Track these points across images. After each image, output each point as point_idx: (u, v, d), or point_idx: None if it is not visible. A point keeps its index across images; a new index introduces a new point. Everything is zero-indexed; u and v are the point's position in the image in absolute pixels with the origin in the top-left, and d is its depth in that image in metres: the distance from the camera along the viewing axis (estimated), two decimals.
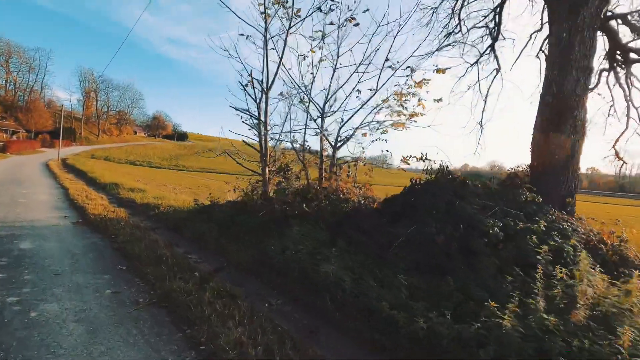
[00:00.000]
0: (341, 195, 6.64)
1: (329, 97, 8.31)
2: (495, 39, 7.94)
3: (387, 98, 7.83)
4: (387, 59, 7.02)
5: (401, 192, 6.69)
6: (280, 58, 7.40)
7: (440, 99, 7.97)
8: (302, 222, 6.22)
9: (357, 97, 8.21)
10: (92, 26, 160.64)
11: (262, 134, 8.03)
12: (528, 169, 6.36)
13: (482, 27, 7.98)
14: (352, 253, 5.09)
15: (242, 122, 9.20)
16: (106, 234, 6.76)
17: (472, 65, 7.93)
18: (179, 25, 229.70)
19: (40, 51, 75.60)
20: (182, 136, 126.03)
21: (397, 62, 7.09)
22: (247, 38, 7.28)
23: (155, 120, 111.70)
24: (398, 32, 6.92)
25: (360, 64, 7.62)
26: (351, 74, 7.74)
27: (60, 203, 10.14)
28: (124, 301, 3.77)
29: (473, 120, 8.19)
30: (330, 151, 8.22)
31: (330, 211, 6.54)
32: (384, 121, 8.03)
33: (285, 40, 7.38)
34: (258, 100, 7.94)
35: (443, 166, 6.37)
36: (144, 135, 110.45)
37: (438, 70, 7.75)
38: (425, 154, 6.38)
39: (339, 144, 8.02)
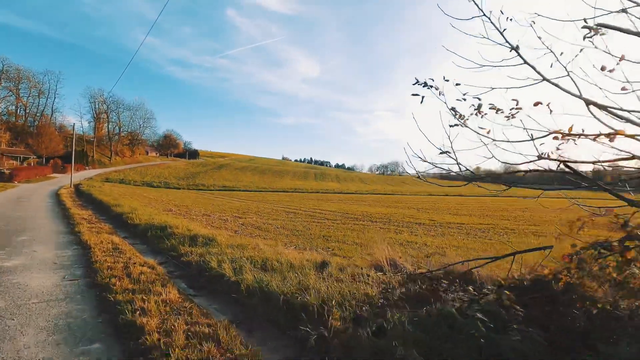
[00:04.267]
0: None
1: None
2: None
3: None
4: None
5: None
6: None
7: None
8: None
9: None
10: (99, 52, 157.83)
11: None
12: None
13: None
14: None
15: None
16: None
17: None
18: (181, 47, 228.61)
19: (50, 74, 71.14)
20: (194, 154, 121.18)
21: None
22: None
23: (166, 139, 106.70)
24: None
25: None
26: None
27: (78, 302, 4.39)
28: None
29: None
30: None
31: None
32: None
33: None
34: None
35: None
36: (155, 155, 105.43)
37: None
38: None
39: None
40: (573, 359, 2.57)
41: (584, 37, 2.93)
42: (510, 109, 3.73)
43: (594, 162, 3.05)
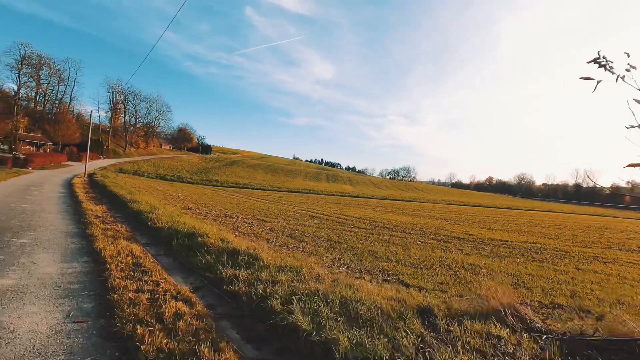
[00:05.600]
0: None
1: None
2: None
3: None
4: None
5: None
6: None
7: None
8: None
9: None
10: (118, 45, 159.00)
11: None
12: None
13: None
14: None
15: None
16: None
17: None
18: (198, 43, 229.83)
19: (70, 62, 70.69)
20: (207, 149, 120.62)
21: None
22: None
23: (180, 132, 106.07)
24: None
25: None
26: None
27: None
28: None
29: None
30: None
31: None
32: None
33: None
34: None
35: None
36: (169, 148, 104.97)
37: None
38: None
39: None
40: None
41: None
42: None
43: None
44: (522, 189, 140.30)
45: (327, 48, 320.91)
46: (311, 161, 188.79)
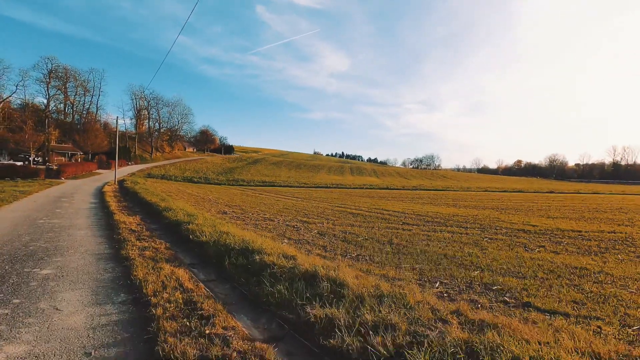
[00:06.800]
0: None
1: None
2: None
3: None
4: None
5: None
6: None
7: None
8: None
9: None
10: (137, 53, 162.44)
11: None
12: None
13: None
14: None
15: None
16: None
17: None
18: (213, 46, 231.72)
19: (94, 72, 72.10)
20: (229, 149, 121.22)
21: None
22: None
23: (202, 134, 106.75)
24: None
25: None
26: None
27: None
28: None
29: None
30: None
31: None
32: None
33: None
34: None
35: None
36: (192, 150, 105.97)
37: None
38: None
39: None
40: None
41: None
42: None
43: None
44: (555, 171, 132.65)
45: (340, 40, 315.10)
46: (332, 155, 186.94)
